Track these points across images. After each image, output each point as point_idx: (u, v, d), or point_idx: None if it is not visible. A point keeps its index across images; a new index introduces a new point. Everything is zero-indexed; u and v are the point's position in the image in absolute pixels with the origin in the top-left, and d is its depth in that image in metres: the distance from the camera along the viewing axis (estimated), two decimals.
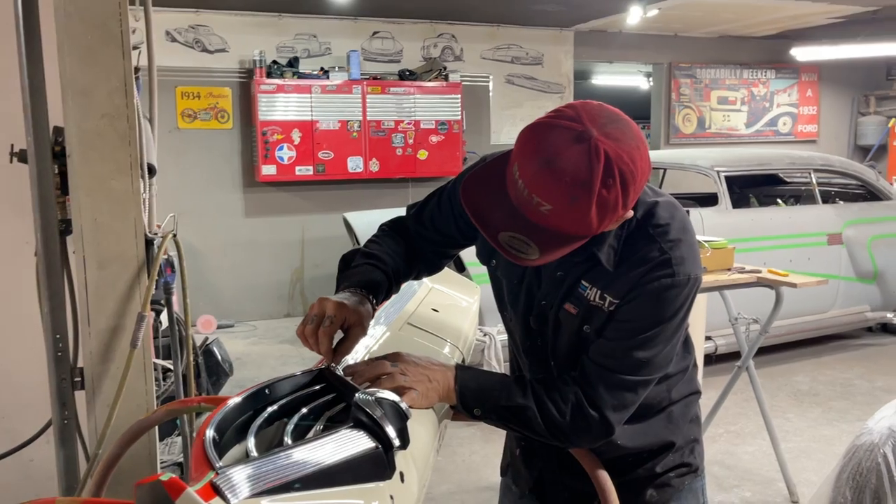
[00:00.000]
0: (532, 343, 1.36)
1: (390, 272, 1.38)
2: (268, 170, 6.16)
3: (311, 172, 6.26)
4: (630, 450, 1.37)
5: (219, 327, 6.07)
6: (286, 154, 6.17)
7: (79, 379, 2.00)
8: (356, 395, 0.96)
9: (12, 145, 1.95)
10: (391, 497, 0.91)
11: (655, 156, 6.41)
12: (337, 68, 6.33)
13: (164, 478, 0.64)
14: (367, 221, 5.11)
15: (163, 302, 2.19)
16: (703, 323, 4.47)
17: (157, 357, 2.76)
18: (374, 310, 1.31)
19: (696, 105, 8.21)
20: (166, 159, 6.04)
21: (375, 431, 0.91)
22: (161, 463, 2.25)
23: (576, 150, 1.02)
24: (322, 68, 6.35)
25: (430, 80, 6.59)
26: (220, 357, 3.32)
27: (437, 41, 6.93)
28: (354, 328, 1.21)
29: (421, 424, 1.14)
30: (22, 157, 1.95)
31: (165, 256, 2.15)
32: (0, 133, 2.01)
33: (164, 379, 2.82)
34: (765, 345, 5.02)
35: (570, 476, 1.41)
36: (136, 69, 2.37)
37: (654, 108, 8.29)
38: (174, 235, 2.06)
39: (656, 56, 8.05)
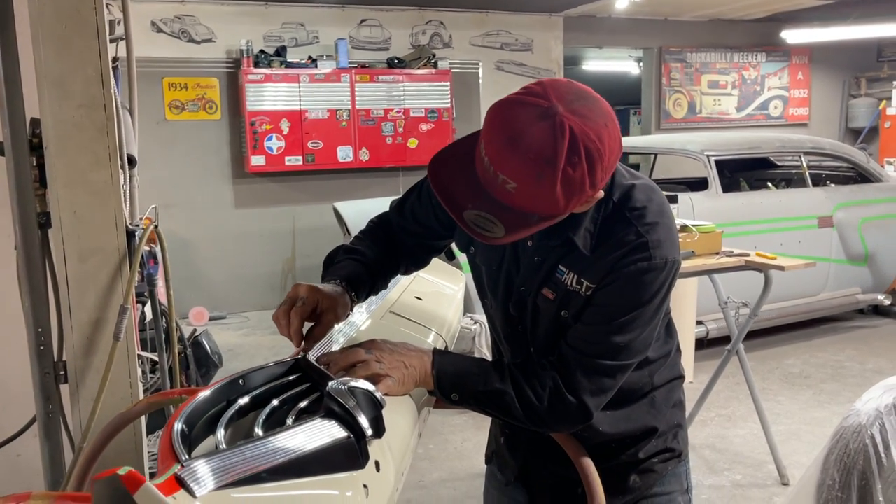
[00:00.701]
0: (512, 330, 1.36)
1: (372, 266, 1.38)
2: (257, 160, 6.12)
3: (300, 162, 6.23)
4: (612, 436, 1.36)
5: (211, 319, 6.05)
6: (275, 144, 6.14)
7: (63, 372, 1.98)
8: (329, 384, 0.95)
9: None
10: (365, 486, 0.90)
11: (646, 141, 6.41)
12: (325, 57, 6.29)
13: (121, 472, 0.63)
14: (357, 211, 5.09)
15: (146, 294, 2.18)
16: (693, 307, 4.48)
17: (146, 350, 2.75)
18: (354, 303, 1.30)
19: (686, 89, 8.19)
20: (154, 151, 6.01)
21: (347, 421, 0.90)
22: (150, 455, 2.24)
23: (540, 127, 1.00)
24: (310, 57, 6.30)
25: (419, 68, 6.55)
26: (209, 349, 3.31)
27: (426, 28, 6.89)
28: (327, 314, 1.20)
29: (398, 412, 1.13)
30: (0, 149, 1.92)
31: (148, 248, 2.13)
32: None
33: (153, 371, 2.81)
34: (756, 328, 5.04)
35: (554, 463, 1.41)
36: (115, 59, 2.35)
37: (644, 92, 8.27)
38: (156, 227, 2.04)
39: (646, 41, 8.02)
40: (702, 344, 4.76)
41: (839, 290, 5.45)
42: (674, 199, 3.56)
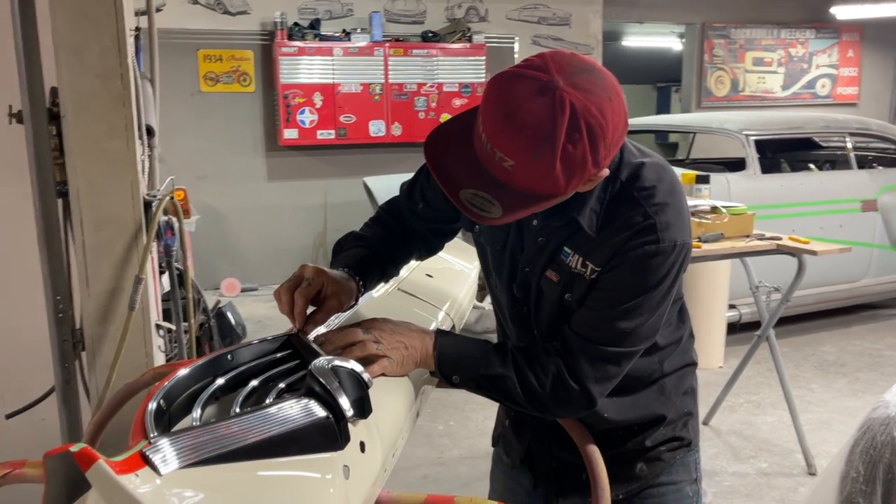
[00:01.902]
0: (517, 311, 1.32)
1: (381, 254, 1.34)
2: (289, 134, 6.13)
3: (332, 136, 6.22)
4: (619, 423, 1.32)
5: (242, 290, 6.12)
6: (308, 118, 6.13)
7: (80, 340, 2.01)
8: (312, 363, 0.92)
9: (10, 106, 1.94)
10: (346, 467, 0.87)
11: (683, 119, 6.25)
12: (359, 30, 6.24)
13: (74, 448, 0.62)
14: (387, 186, 5.07)
15: (163, 265, 2.19)
16: (725, 291, 4.38)
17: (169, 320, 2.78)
18: (360, 290, 1.26)
19: (729, 67, 7.96)
20: (189, 123, 6.06)
21: (328, 401, 0.88)
22: None
23: (539, 102, 0.95)
24: (344, 30, 6.26)
25: (453, 42, 6.47)
26: (232, 320, 3.34)
27: (462, 1, 6.79)
28: (331, 299, 1.17)
29: (391, 392, 1.11)
30: (20, 118, 1.93)
31: (166, 219, 2.13)
32: (2, 94, 1.99)
33: (176, 341, 2.84)
34: (792, 314, 4.92)
35: (559, 448, 1.38)
36: (137, 29, 2.34)
37: (685, 69, 8.06)
38: (171, 197, 2.04)
39: (689, 15, 7.80)
40: (734, 328, 4.66)
41: (881, 276, 5.27)
42: (705, 180, 3.46)
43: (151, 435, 0.75)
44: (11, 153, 2.16)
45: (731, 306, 4.65)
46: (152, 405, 0.83)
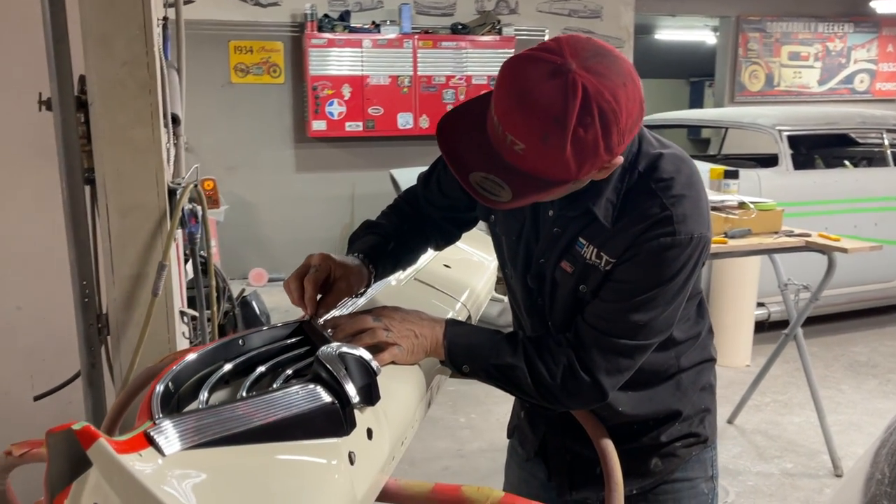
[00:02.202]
0: (532, 303, 1.31)
1: (394, 241, 1.35)
2: (318, 125, 6.16)
3: (360, 128, 6.24)
4: (633, 417, 1.31)
5: (269, 281, 6.18)
6: (336, 109, 6.16)
7: (105, 325, 2.04)
8: (320, 349, 0.93)
9: (40, 94, 1.97)
10: (351, 453, 0.88)
11: (715, 114, 6.16)
12: (388, 22, 6.25)
13: (76, 426, 0.63)
14: (414, 178, 5.01)
15: (188, 253, 2.21)
16: (754, 288, 4.32)
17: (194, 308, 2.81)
18: (372, 275, 1.27)
19: (764, 61, 7.81)
20: (219, 114, 6.12)
21: (334, 387, 0.88)
22: None
23: (551, 85, 0.94)
24: (373, 22, 6.27)
25: (483, 35, 6.44)
26: (257, 309, 3.37)
27: None
28: (339, 282, 1.18)
29: (402, 380, 1.11)
30: (50, 105, 1.97)
31: (190, 207, 2.16)
32: (32, 81, 2.03)
33: (200, 328, 2.87)
34: (824, 313, 4.83)
35: (573, 440, 1.37)
36: (165, 19, 2.37)
37: (718, 63, 7.93)
38: (195, 185, 2.06)
39: (723, 8, 7.66)
40: (762, 327, 4.59)
41: None
42: (734, 175, 3.41)
43: (157, 416, 0.76)
44: (43, 140, 2.20)
45: (760, 304, 4.59)
46: (160, 388, 0.84)
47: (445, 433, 3.51)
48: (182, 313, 2.36)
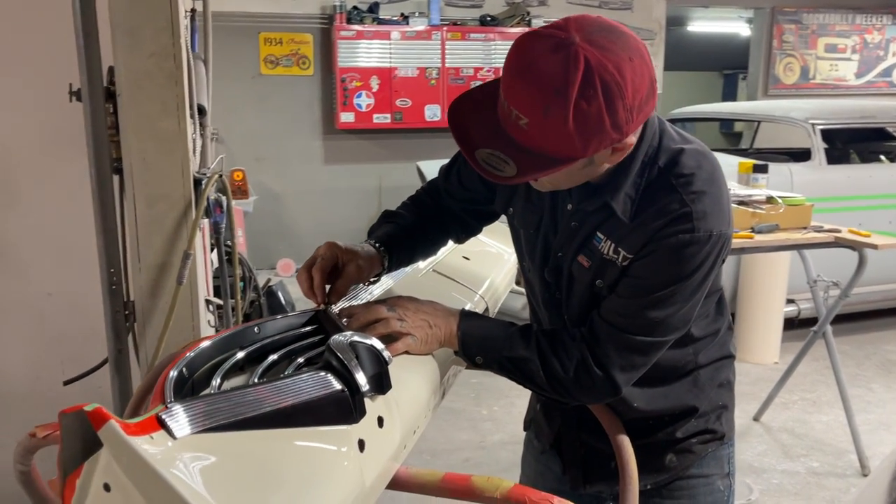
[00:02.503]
0: (550, 296, 1.30)
1: (411, 230, 1.35)
2: (346, 117, 6.19)
3: (388, 120, 6.26)
4: (649, 413, 1.30)
5: (297, 271, 6.23)
6: (364, 101, 6.18)
7: (132, 312, 2.08)
8: (332, 338, 0.94)
9: (70, 85, 2.01)
10: (361, 441, 0.89)
11: (747, 107, 6.06)
12: (417, 14, 6.25)
13: (88, 408, 0.64)
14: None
15: (213, 242, 2.25)
16: (784, 284, 4.25)
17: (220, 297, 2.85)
18: (385, 261, 1.27)
19: (799, 53, 7.66)
20: (249, 105, 6.18)
21: (344, 375, 0.89)
22: None
23: (554, 58, 0.94)
24: (402, 14, 6.28)
25: (511, 26, 6.41)
26: (282, 299, 3.41)
27: None
28: (348, 267, 1.19)
29: (414, 370, 1.12)
30: (79, 96, 2.01)
31: (215, 197, 2.19)
32: (64, 73, 2.07)
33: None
34: (856, 311, 4.75)
35: (588, 434, 1.37)
36: (192, 10, 2.40)
37: (752, 55, 7.79)
38: (220, 176, 2.09)
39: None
40: (792, 324, 4.52)
41: None
42: (763, 169, 3.35)
43: (169, 400, 0.78)
44: (74, 131, 2.25)
45: (790, 301, 4.52)
46: (174, 373, 0.85)
47: (468, 425, 3.52)
48: (208, 302, 2.40)
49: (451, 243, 1.51)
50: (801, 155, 4.97)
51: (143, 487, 0.63)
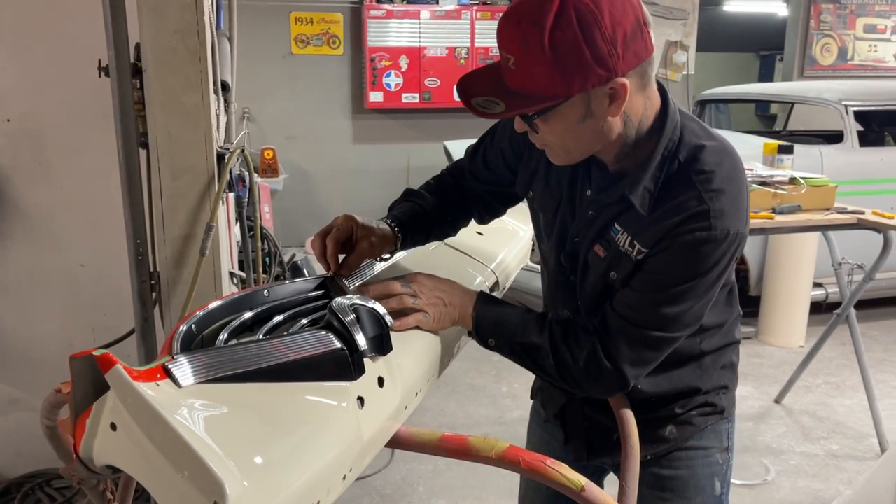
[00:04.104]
0: (566, 279, 1.31)
1: (430, 210, 1.37)
2: (375, 96, 6.23)
3: (417, 100, 6.28)
4: (651, 394, 1.31)
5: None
6: (393, 81, 6.21)
7: (157, 282, 2.15)
8: (334, 300, 0.98)
9: (99, 61, 2.07)
10: (360, 398, 0.93)
11: (779, 88, 5.95)
12: None
13: (97, 353, 0.69)
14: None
15: (237, 216, 2.31)
16: (811, 267, 4.21)
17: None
18: (398, 239, 1.30)
19: (837, 34, 7.48)
20: (280, 84, 6.25)
21: (344, 335, 0.93)
22: None
23: None
24: None
25: None
26: (306, 274, 3.46)
27: None
28: (361, 242, 1.22)
29: (419, 336, 1.15)
30: (108, 71, 2.07)
31: (238, 172, 2.25)
32: (93, 49, 2.13)
33: None
34: (884, 296, 4.67)
35: (591, 408, 1.39)
36: None
37: (788, 36, 7.62)
38: (243, 151, 2.14)
39: None
40: (819, 308, 4.47)
41: None
42: (788, 150, 3.31)
43: (175, 352, 0.83)
44: (104, 105, 2.32)
45: (818, 285, 4.46)
46: (183, 328, 0.90)
47: (488, 401, 3.56)
48: (231, 274, 2.47)
49: (473, 222, 1.52)
50: (835, 137, 4.88)
51: (145, 427, 0.68)
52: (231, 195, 2.30)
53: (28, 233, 2.54)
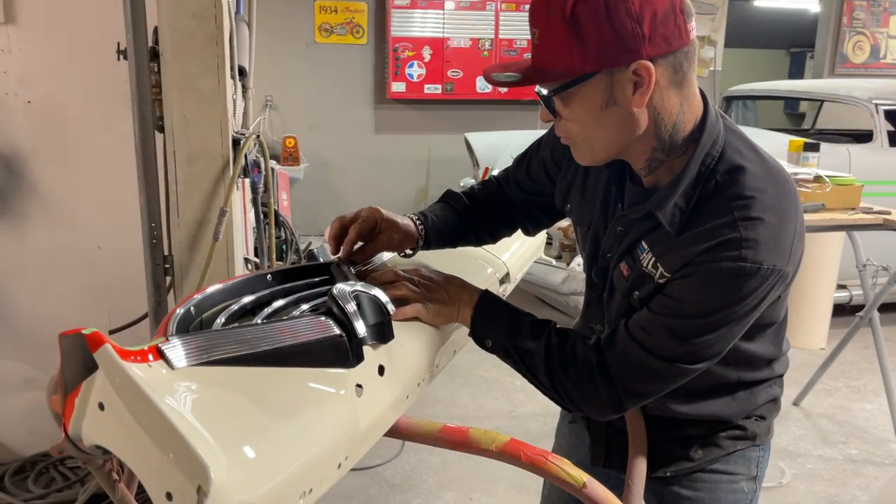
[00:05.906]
0: (598, 295, 1.25)
1: (464, 214, 1.35)
2: (397, 87, 6.21)
3: (439, 91, 6.25)
4: (683, 415, 1.24)
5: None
6: (416, 71, 6.19)
7: (171, 266, 2.16)
8: (335, 286, 0.97)
9: (118, 44, 2.08)
10: (359, 386, 0.91)
11: (808, 85, 5.84)
12: None
13: (86, 331, 0.68)
14: (488, 143, 5.05)
15: (251, 202, 2.30)
16: (834, 269, 4.14)
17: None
18: (420, 239, 1.27)
19: (870, 31, 7.32)
20: (303, 73, 6.26)
21: (343, 322, 0.92)
22: None
23: None
24: None
25: None
26: (321, 261, 3.46)
27: None
28: (382, 234, 1.20)
29: (423, 325, 1.13)
30: (126, 55, 2.07)
31: (254, 158, 2.24)
32: (112, 32, 2.13)
33: None
34: None
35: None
36: None
37: (820, 33, 7.48)
38: (258, 136, 2.14)
39: None
40: (843, 310, 4.38)
41: None
42: (814, 148, 3.24)
43: (170, 333, 0.82)
44: (122, 88, 2.32)
45: (842, 287, 4.38)
46: (180, 311, 0.89)
47: (500, 394, 3.55)
48: (246, 260, 2.47)
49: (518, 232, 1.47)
50: (864, 137, 4.78)
51: (132, 407, 0.67)
52: (246, 181, 2.30)
53: (46, 214, 2.56)
